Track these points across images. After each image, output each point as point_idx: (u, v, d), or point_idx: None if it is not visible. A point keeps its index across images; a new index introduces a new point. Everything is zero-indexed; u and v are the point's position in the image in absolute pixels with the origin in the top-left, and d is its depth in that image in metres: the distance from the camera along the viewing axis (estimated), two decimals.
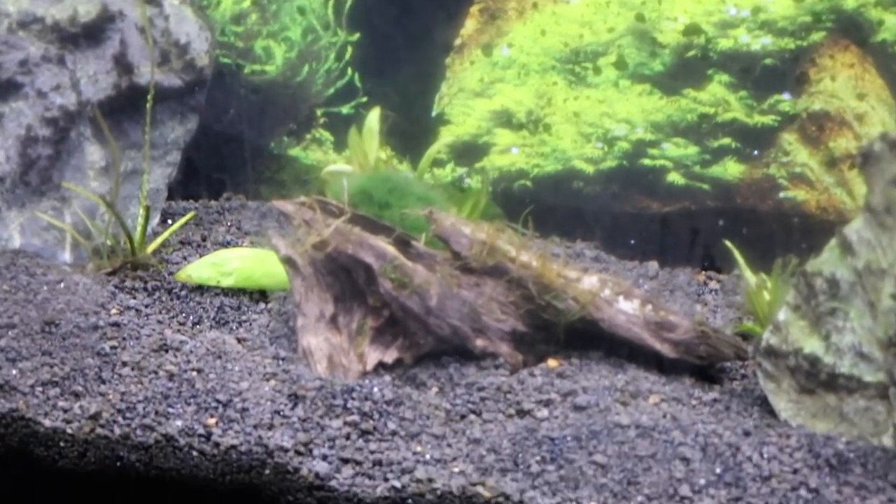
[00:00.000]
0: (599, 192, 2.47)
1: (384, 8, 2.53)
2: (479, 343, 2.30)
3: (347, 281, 2.29)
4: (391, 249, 2.27)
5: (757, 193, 2.43)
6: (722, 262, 2.53)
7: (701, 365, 2.33)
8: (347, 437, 2.14)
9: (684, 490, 2.00)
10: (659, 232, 2.52)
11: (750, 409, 2.27)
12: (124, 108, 2.43)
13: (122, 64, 2.38)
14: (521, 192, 2.51)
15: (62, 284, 2.35)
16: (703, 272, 2.51)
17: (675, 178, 2.44)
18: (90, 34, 2.37)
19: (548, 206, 2.49)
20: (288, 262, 2.28)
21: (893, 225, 2.12)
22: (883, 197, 2.12)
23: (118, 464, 2.14)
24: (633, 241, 2.55)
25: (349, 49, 2.56)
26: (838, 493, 2.01)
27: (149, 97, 2.33)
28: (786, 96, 2.46)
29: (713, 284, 2.48)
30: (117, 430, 2.13)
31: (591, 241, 2.55)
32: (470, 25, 2.49)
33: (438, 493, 2.03)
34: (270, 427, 2.14)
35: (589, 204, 2.49)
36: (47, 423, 2.15)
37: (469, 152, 2.49)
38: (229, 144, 2.59)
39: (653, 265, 2.51)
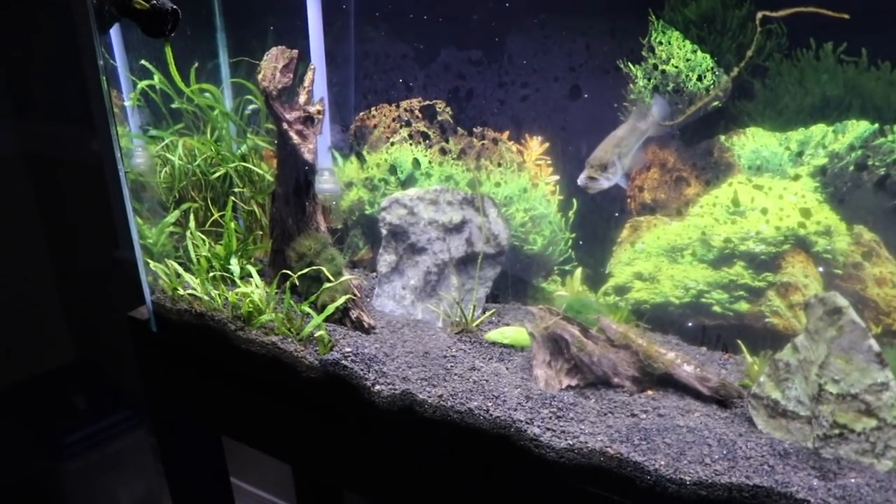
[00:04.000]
0: (681, 313, 2.34)
1: (585, 222, 2.50)
2: (616, 380, 2.24)
3: (556, 345, 2.25)
4: (577, 332, 2.23)
5: (755, 318, 2.28)
6: (736, 350, 2.33)
7: (721, 399, 2.22)
8: (550, 417, 2.11)
9: (707, 460, 1.95)
10: (705, 333, 2.39)
11: (743, 423, 2.15)
12: (468, 261, 2.44)
13: (469, 242, 2.41)
14: (643, 309, 2.38)
15: (434, 336, 2.38)
16: (727, 354, 2.38)
17: (717, 308, 2.31)
18: (456, 228, 2.41)
19: (655, 317, 2.37)
20: (531, 334, 2.27)
21: (818, 339, 2.01)
22: (813, 325, 2.02)
23: (448, 418, 2.17)
24: (693, 337, 2.42)
25: (570, 241, 2.52)
26: (783, 468, 1.93)
27: (479, 258, 2.37)
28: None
29: (731, 360, 2.36)
30: (449, 402, 2.17)
31: (677, 335, 2.42)
32: (625, 233, 2.48)
33: (589, 447, 2.00)
34: (516, 409, 2.13)
35: (675, 318, 2.37)
36: (420, 396, 2.20)
37: (622, 290, 2.40)
38: (512, 281, 2.54)
39: (702, 349, 2.41)
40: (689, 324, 2.43)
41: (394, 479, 2.40)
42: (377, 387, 2.28)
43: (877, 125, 2.20)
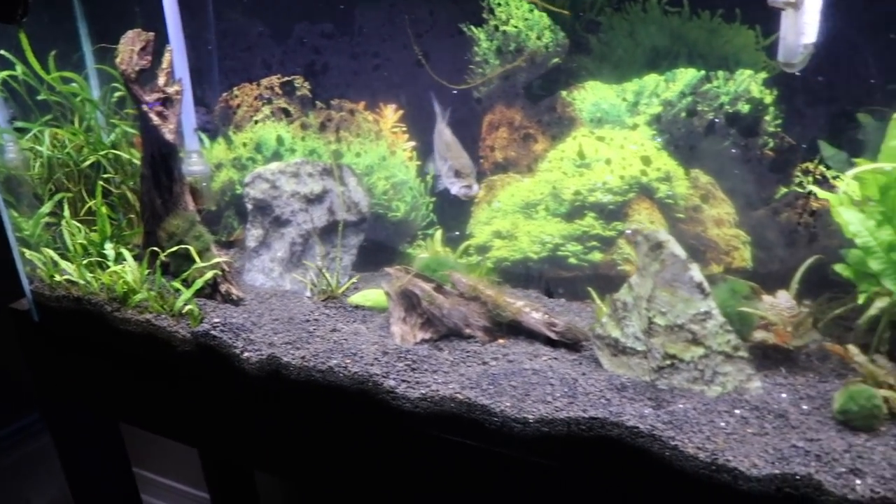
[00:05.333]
0: (539, 266, 2.46)
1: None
2: (467, 331, 2.37)
3: (409, 301, 2.38)
4: (428, 287, 2.36)
5: (609, 267, 2.42)
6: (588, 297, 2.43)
7: (569, 342, 2.35)
8: (405, 370, 2.25)
9: (549, 398, 2.08)
10: (564, 285, 2.51)
11: (590, 363, 2.28)
12: (331, 230, 2.55)
13: (331, 211, 2.52)
14: (504, 266, 2.51)
15: (299, 303, 2.53)
16: (585, 303, 2.52)
17: (573, 260, 2.46)
18: (318, 198, 2.52)
19: (516, 273, 2.50)
20: (387, 294, 2.40)
21: (646, 275, 2.17)
22: (641, 261, 2.18)
23: (311, 378, 2.30)
24: (551, 288, 2.54)
25: (431, 205, 2.68)
26: (618, 400, 2.08)
27: (340, 226, 2.49)
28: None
29: (588, 308, 2.51)
30: (312, 363, 2.29)
31: (536, 289, 2.54)
32: (481, 193, 2.62)
33: (440, 395, 2.13)
34: (372, 364, 2.25)
35: (535, 272, 2.50)
36: (285, 359, 2.31)
37: (483, 249, 2.53)
38: (377, 248, 2.68)
39: (561, 300, 2.54)
40: (548, 276, 2.57)
41: (268, 441, 2.53)
42: (246, 353, 2.40)
43: (703, 72, 2.39)
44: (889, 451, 1.86)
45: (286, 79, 2.72)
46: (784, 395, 2.16)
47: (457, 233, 2.63)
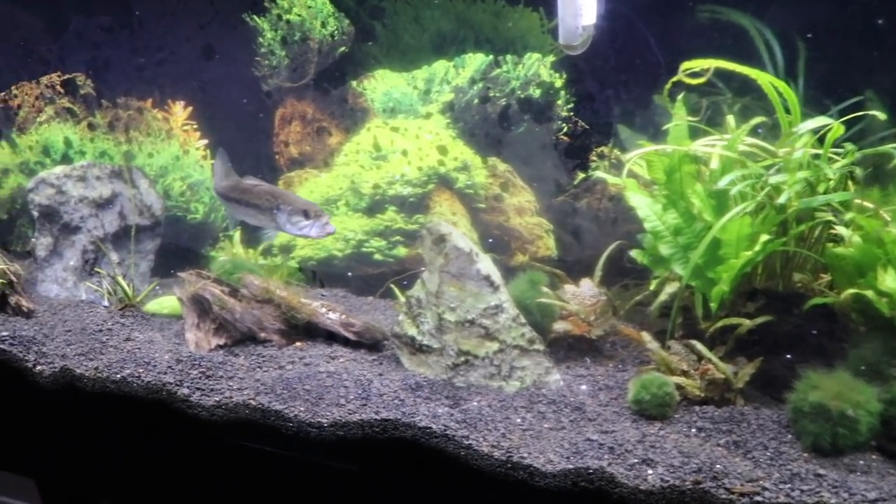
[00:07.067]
0: (346, 264, 2.48)
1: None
2: (262, 335, 2.38)
3: (202, 306, 2.37)
4: (218, 291, 2.36)
5: (415, 262, 2.46)
6: (391, 295, 2.45)
7: (369, 343, 2.40)
8: (199, 377, 2.25)
9: (342, 401, 2.10)
10: (372, 283, 2.56)
11: (391, 363, 2.32)
12: (124, 235, 2.53)
13: (122, 215, 2.50)
14: (311, 266, 2.54)
15: (93, 313, 2.51)
16: (391, 300, 2.54)
17: (378, 256, 2.52)
18: (108, 202, 2.48)
19: (325, 272, 2.53)
20: (179, 300, 2.39)
21: (433, 270, 2.21)
22: (426, 256, 2.24)
23: (106, 389, 2.29)
24: (361, 287, 2.57)
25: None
26: (413, 401, 2.10)
27: (132, 231, 2.49)
28: None
29: (387, 304, 2.54)
30: (105, 373, 2.28)
31: (345, 287, 2.57)
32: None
33: (234, 402, 2.13)
34: (165, 373, 2.25)
35: (342, 270, 2.52)
36: (78, 371, 2.30)
37: (287, 249, 2.56)
38: (179, 253, 2.68)
39: (369, 298, 2.57)
40: (350, 274, 2.60)
41: (66, 453, 2.51)
42: (38, 367, 2.38)
43: (491, 56, 2.43)
44: (680, 439, 1.92)
45: (67, 76, 2.64)
46: (584, 387, 2.22)
47: (258, 233, 2.58)
